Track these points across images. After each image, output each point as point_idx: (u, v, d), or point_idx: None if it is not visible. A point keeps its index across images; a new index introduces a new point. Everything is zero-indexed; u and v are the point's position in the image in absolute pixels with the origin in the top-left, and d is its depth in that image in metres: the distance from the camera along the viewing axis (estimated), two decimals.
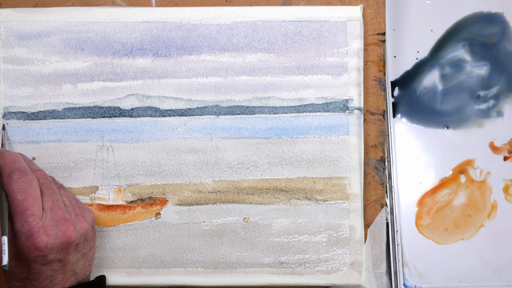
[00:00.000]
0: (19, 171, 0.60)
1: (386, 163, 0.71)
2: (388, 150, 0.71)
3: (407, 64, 0.73)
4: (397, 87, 0.73)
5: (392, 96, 0.73)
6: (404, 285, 0.70)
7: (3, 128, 0.68)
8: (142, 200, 0.68)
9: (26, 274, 0.59)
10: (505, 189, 0.72)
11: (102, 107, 0.68)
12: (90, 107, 0.68)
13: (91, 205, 0.68)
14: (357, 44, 0.69)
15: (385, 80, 0.70)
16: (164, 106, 0.68)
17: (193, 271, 0.68)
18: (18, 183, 0.59)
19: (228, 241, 0.68)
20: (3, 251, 0.57)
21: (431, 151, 0.72)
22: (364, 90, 0.70)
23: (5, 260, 0.56)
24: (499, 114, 0.73)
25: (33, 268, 0.58)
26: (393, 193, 0.71)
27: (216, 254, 0.68)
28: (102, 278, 0.64)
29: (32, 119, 0.68)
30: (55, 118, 0.68)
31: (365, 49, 0.70)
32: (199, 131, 0.68)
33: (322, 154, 0.69)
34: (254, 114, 0.69)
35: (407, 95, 0.73)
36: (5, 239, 0.57)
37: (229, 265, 0.68)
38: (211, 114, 0.69)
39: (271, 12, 0.69)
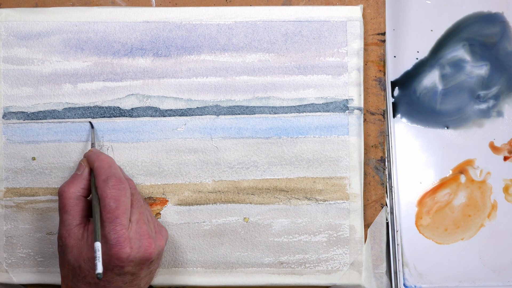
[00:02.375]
0: (116, 178, 0.60)
1: (386, 163, 0.71)
2: (388, 150, 0.71)
3: (407, 64, 0.73)
4: (397, 87, 0.73)
5: (392, 96, 0.73)
6: (404, 285, 0.70)
7: (92, 126, 0.68)
8: None
9: (97, 279, 0.58)
10: (505, 189, 0.72)
11: (102, 107, 0.68)
12: (90, 107, 0.68)
13: None
14: (357, 44, 0.69)
15: (385, 80, 0.70)
16: (164, 106, 0.68)
17: (193, 271, 0.68)
18: (113, 190, 0.59)
19: (228, 241, 0.68)
20: (97, 258, 0.56)
21: (431, 151, 0.72)
22: (364, 90, 0.70)
23: (100, 268, 0.55)
24: (499, 114, 0.73)
25: (106, 276, 0.58)
26: (393, 193, 0.71)
27: (216, 254, 0.68)
28: None
29: (32, 119, 0.68)
30: (55, 118, 0.68)
31: (365, 49, 0.70)
32: (199, 131, 0.68)
33: (322, 154, 0.69)
34: (254, 114, 0.69)
35: (407, 95, 0.73)
36: (98, 245, 0.56)
37: (229, 265, 0.68)
38: (211, 114, 0.69)
39: (271, 12, 0.69)
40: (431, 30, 0.74)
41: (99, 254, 0.56)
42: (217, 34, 0.69)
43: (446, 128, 0.73)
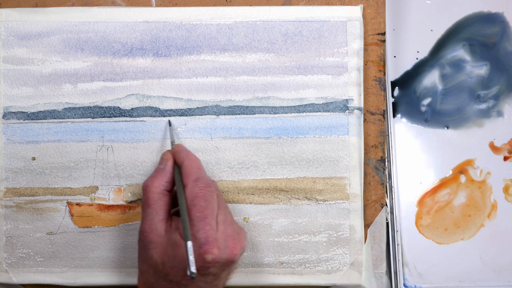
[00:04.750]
0: (205, 180, 0.59)
1: (386, 163, 0.71)
2: (388, 150, 0.71)
3: (407, 64, 0.73)
4: (397, 87, 0.73)
5: (392, 96, 0.73)
6: (404, 285, 0.70)
7: (170, 124, 0.68)
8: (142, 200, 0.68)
9: (179, 278, 0.58)
10: (505, 189, 0.72)
11: (102, 107, 0.68)
12: (90, 107, 0.68)
13: (91, 205, 0.68)
14: (357, 44, 0.69)
15: (385, 80, 0.70)
16: (164, 106, 0.68)
17: None
18: (203, 190, 0.59)
19: None
20: (189, 257, 0.54)
21: (431, 151, 0.72)
22: (364, 90, 0.70)
23: (193, 267, 0.54)
24: (499, 114, 0.73)
25: None
26: (393, 193, 0.71)
27: None
28: None
29: (32, 119, 0.68)
30: (55, 118, 0.68)
31: (365, 49, 0.70)
32: (199, 131, 0.68)
33: (322, 154, 0.69)
34: (254, 114, 0.69)
35: (407, 95, 0.73)
36: (190, 244, 0.55)
37: None
38: (211, 114, 0.69)
39: (271, 12, 0.69)
40: (431, 30, 0.74)
41: (191, 253, 0.55)
42: (217, 34, 0.69)
43: (446, 128, 0.73)
